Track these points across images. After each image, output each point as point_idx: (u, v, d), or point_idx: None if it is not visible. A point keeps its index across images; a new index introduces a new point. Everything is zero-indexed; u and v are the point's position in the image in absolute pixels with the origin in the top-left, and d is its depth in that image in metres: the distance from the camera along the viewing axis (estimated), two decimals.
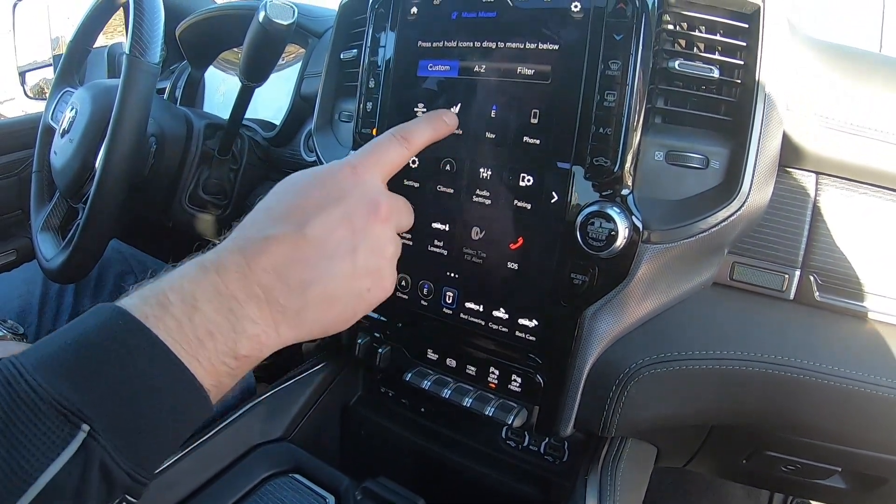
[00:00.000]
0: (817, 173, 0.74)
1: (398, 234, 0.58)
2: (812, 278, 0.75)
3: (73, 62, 1.33)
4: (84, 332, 0.42)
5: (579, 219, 0.67)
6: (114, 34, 2.06)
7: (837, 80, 0.73)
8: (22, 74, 2.29)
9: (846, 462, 0.83)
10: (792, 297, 0.75)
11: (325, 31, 1.19)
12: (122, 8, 1.23)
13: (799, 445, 0.82)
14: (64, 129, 1.16)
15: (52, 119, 1.30)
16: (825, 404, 0.74)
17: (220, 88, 1.59)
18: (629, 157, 0.67)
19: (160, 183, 1.20)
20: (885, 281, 0.74)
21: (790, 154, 0.73)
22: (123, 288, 1.30)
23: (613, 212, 0.66)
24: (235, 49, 1.57)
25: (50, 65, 2.11)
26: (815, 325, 0.75)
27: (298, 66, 1.20)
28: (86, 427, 0.38)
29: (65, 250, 1.05)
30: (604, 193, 0.68)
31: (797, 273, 0.75)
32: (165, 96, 1.61)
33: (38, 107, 1.98)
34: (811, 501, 1.55)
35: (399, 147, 0.60)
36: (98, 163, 0.96)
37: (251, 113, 1.28)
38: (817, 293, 0.75)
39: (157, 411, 0.41)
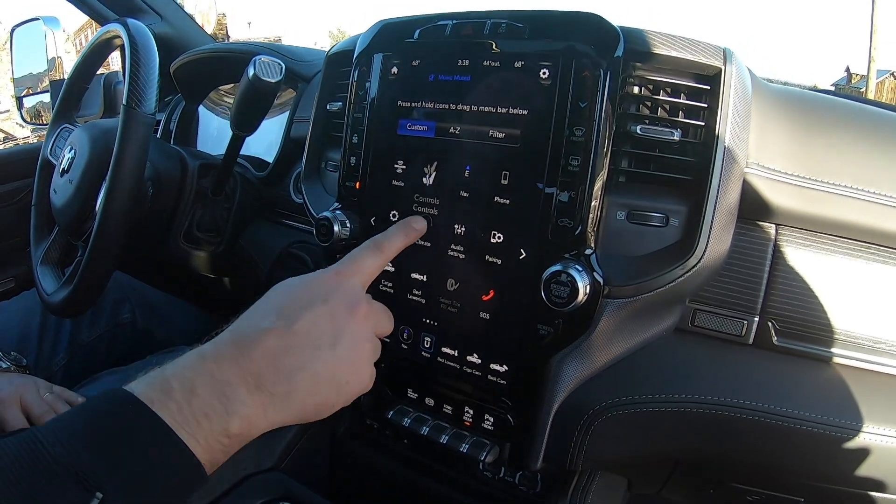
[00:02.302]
0: (777, 224, 0.79)
1: (378, 338, 0.64)
2: (770, 324, 0.79)
3: (72, 99, 1.36)
4: (97, 413, 0.48)
5: (543, 277, 0.71)
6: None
7: (796, 135, 0.77)
8: (19, 100, 2.31)
9: (808, 493, 0.86)
10: (751, 341, 0.80)
11: (314, 75, 1.23)
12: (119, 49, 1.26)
13: (762, 477, 0.86)
14: (63, 168, 1.19)
15: (50, 154, 1.32)
16: (784, 444, 0.77)
17: (215, 122, 1.63)
18: (591, 219, 0.72)
19: (156, 221, 1.24)
20: (841, 325, 0.78)
21: (750, 207, 0.76)
22: (120, 317, 1.35)
23: (574, 271, 0.70)
24: (222, 89, 1.62)
25: (47, 91, 2.14)
26: (774, 369, 0.79)
27: (288, 110, 1.24)
28: (99, 494, 0.43)
29: (66, 286, 1.08)
30: (568, 253, 0.72)
31: (756, 319, 0.79)
32: (161, 129, 1.65)
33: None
34: None
35: (375, 256, 0.67)
36: (98, 207, 1.00)
37: (243, 150, 1.31)
38: (775, 338, 0.79)
39: (159, 483, 0.47)
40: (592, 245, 0.73)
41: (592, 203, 0.72)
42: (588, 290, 0.70)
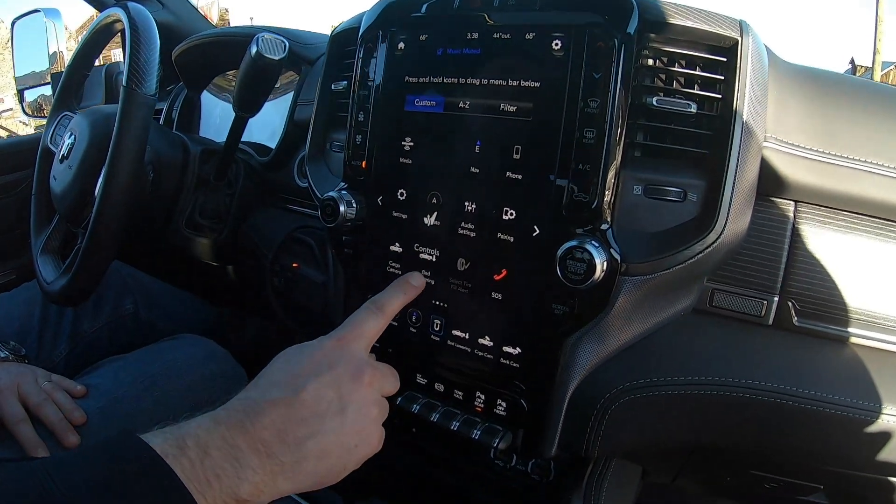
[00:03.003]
0: (795, 201, 0.76)
1: (385, 398, 0.66)
2: (790, 304, 0.76)
3: (72, 86, 1.34)
4: (113, 458, 0.49)
5: (559, 253, 0.69)
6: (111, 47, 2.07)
7: (814, 109, 0.75)
8: (21, 92, 2.30)
9: (829, 480, 0.85)
10: (771, 322, 0.77)
11: (318, 58, 1.21)
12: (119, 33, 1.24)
13: (781, 464, 0.84)
14: (63, 154, 1.17)
15: (50, 143, 1.31)
16: (805, 428, 0.75)
17: (217, 110, 1.61)
18: (608, 193, 0.69)
19: (157, 208, 1.22)
20: (862, 305, 0.75)
21: (768, 183, 0.74)
22: (122, 308, 1.33)
23: (591, 247, 0.67)
24: (229, 74, 1.60)
25: (48, 83, 2.12)
26: (794, 350, 0.76)
27: (291, 92, 1.22)
28: None
29: (65, 274, 1.06)
30: (582, 229, 0.70)
31: (776, 299, 0.76)
32: (162, 118, 1.63)
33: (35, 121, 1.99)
34: None
35: (375, 318, 0.68)
36: (98, 192, 0.98)
37: (246, 136, 1.29)
38: (795, 318, 0.76)
39: None
40: (609, 220, 0.71)
41: (608, 176, 0.69)
42: (605, 267, 0.68)
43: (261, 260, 1.17)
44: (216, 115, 1.60)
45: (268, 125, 1.34)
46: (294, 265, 1.09)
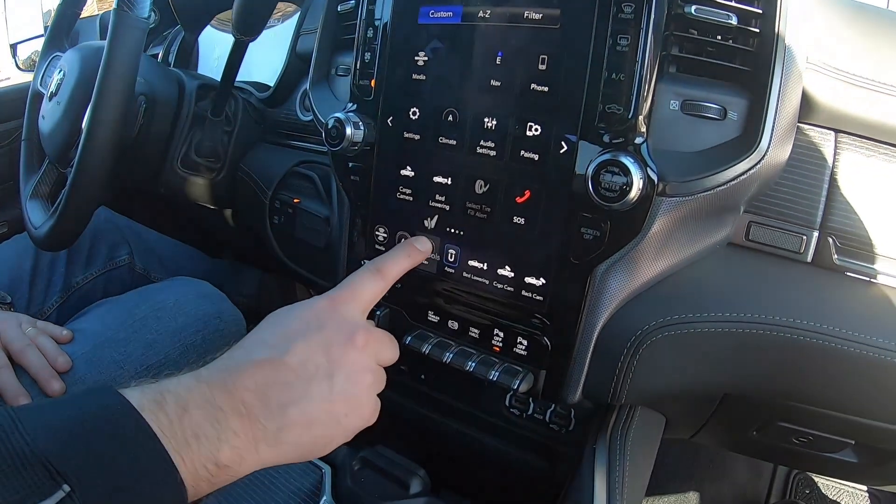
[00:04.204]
0: (836, 131, 0.72)
1: (382, 367, 0.62)
2: (830, 240, 0.71)
3: (63, 26, 1.29)
4: (84, 406, 0.46)
5: (591, 168, 0.63)
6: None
7: (856, 37, 0.70)
8: (13, 47, 2.24)
9: (860, 435, 0.80)
10: (810, 259, 0.72)
11: None
12: None
13: (813, 416, 0.79)
14: (52, 92, 1.13)
15: (40, 85, 1.26)
16: (845, 371, 0.71)
17: (215, 53, 1.55)
18: (643, 104, 0.64)
19: (151, 146, 1.16)
20: None
21: (808, 108, 0.70)
22: (117, 258, 1.28)
23: (628, 161, 0.61)
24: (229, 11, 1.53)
25: (42, 35, 2.06)
26: (834, 289, 0.71)
27: (293, 23, 1.16)
28: (66, 487, 0.40)
29: (53, 216, 1.02)
30: (615, 141, 0.64)
31: (815, 234, 0.71)
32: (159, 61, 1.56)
33: (29, 78, 1.93)
34: (814, 476, 1.55)
35: (374, 280, 0.64)
36: (84, 123, 0.93)
37: (245, 76, 1.24)
38: (835, 256, 0.71)
39: (136, 494, 0.44)
40: (644, 134, 0.64)
41: (643, 86, 0.63)
42: (642, 184, 0.62)
43: (260, 201, 1.11)
44: (214, 57, 1.54)
45: (268, 64, 1.29)
46: (295, 200, 1.03)
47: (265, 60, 1.29)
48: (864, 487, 1.54)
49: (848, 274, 0.72)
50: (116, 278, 1.30)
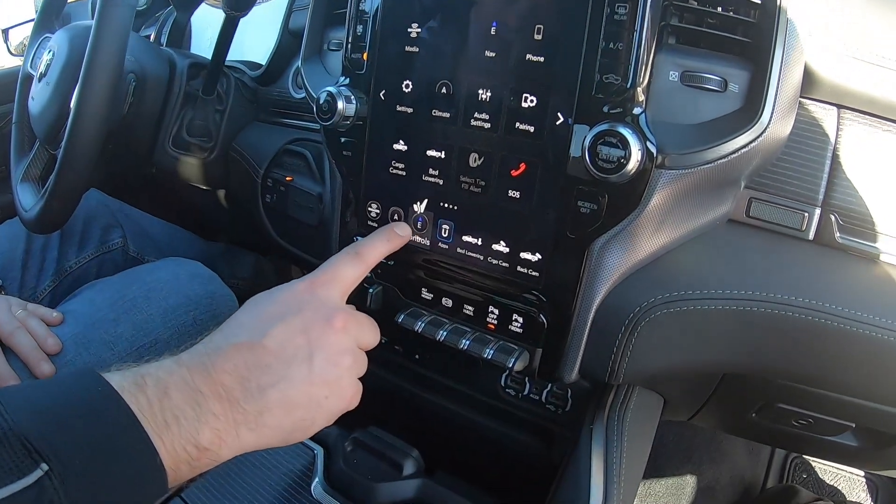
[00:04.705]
0: (839, 107, 0.70)
1: (364, 351, 0.62)
2: (833, 218, 0.70)
3: (53, 7, 1.27)
4: (65, 387, 0.46)
5: (588, 139, 0.62)
6: None
7: (860, 10, 0.69)
8: (5, 32, 2.22)
9: (861, 417, 0.79)
10: (811, 237, 0.71)
11: None
12: None
13: (813, 398, 0.78)
14: (41, 73, 1.12)
15: (31, 67, 1.25)
16: (846, 351, 0.69)
17: (208, 33, 1.53)
18: (642, 74, 0.62)
19: (141, 125, 1.15)
20: None
21: (810, 83, 0.68)
22: (110, 242, 1.27)
23: (626, 131, 0.60)
24: None
25: (33, 20, 2.05)
26: (837, 268, 0.70)
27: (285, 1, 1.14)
28: (45, 466, 0.40)
29: (42, 198, 1.00)
30: (613, 112, 0.62)
31: (817, 212, 0.70)
32: None
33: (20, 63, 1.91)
34: (812, 460, 1.55)
35: (354, 264, 0.65)
36: (73, 101, 0.91)
37: (238, 55, 1.22)
38: (838, 234, 0.70)
39: (115, 475, 0.44)
40: (643, 104, 0.63)
41: (641, 56, 0.61)
42: (641, 155, 0.60)
43: (252, 179, 1.10)
44: (207, 38, 1.52)
45: (260, 43, 1.27)
46: (288, 178, 1.02)
47: (258, 40, 1.27)
48: (862, 473, 1.55)
49: (850, 253, 0.70)
50: (110, 262, 1.28)
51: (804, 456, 1.58)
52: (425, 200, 0.75)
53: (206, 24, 1.55)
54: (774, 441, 1.12)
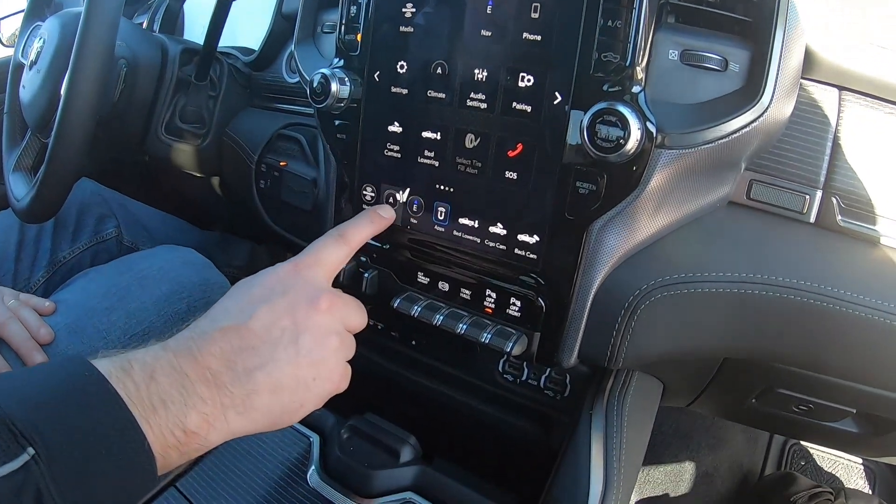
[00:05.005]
0: (840, 88, 0.69)
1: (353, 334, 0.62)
2: (834, 200, 0.69)
3: None
4: (52, 373, 0.46)
5: (586, 118, 0.61)
6: None
7: (860, 11, 0.69)
8: None
9: (861, 403, 0.79)
10: (813, 219, 0.70)
11: None
12: None
13: (814, 383, 0.77)
14: (32, 61, 1.10)
15: (21, 56, 1.23)
16: (847, 334, 0.69)
17: (201, 20, 1.50)
18: (641, 53, 0.61)
19: (134, 112, 1.14)
20: None
21: (810, 64, 0.68)
22: (104, 232, 1.26)
23: (625, 110, 0.59)
24: None
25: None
26: (838, 252, 0.69)
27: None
28: (31, 450, 0.40)
29: (34, 187, 0.99)
30: (611, 90, 0.61)
31: (818, 194, 0.69)
32: None
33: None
34: (810, 447, 1.55)
35: (338, 246, 0.65)
36: (63, 88, 0.90)
37: (231, 41, 1.21)
38: (839, 217, 0.69)
39: (103, 459, 0.44)
40: (642, 83, 0.62)
41: (640, 33, 0.60)
42: (640, 135, 0.59)
43: (246, 165, 1.09)
44: (200, 24, 1.50)
45: (253, 29, 1.25)
46: (282, 163, 1.00)
47: (251, 25, 1.25)
48: (860, 460, 1.55)
49: (852, 236, 0.70)
50: (104, 252, 1.27)
51: (802, 443, 1.58)
52: (421, 183, 0.74)
53: (199, 12, 1.53)
54: (774, 427, 1.11)
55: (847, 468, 1.55)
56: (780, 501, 1.31)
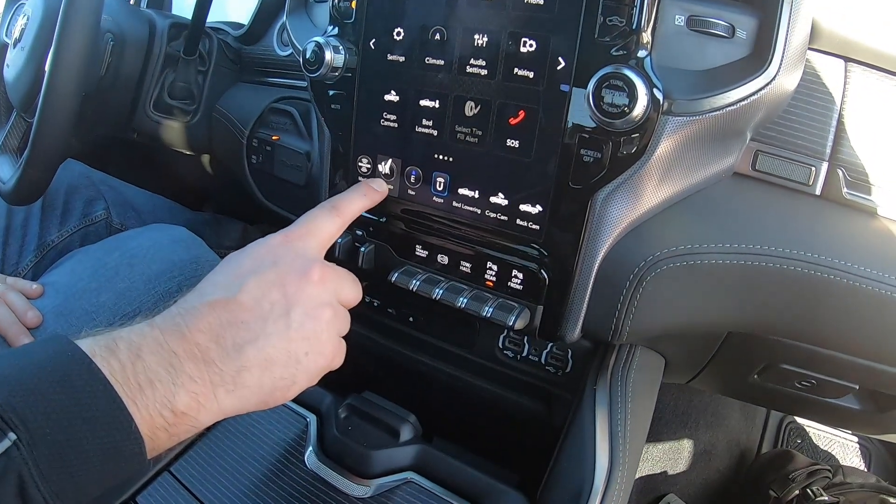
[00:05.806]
0: (846, 59, 0.68)
1: (345, 308, 0.60)
2: (840, 172, 0.68)
3: None
4: (35, 354, 0.45)
5: (592, 83, 0.59)
6: None
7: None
8: None
9: (865, 379, 0.78)
10: (818, 192, 0.69)
11: None
12: None
13: (817, 358, 0.76)
14: (16, 38, 1.08)
15: (5, 35, 1.20)
16: (853, 308, 0.68)
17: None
18: (647, 16, 0.59)
19: (121, 88, 1.12)
20: None
21: (816, 34, 0.67)
22: (93, 214, 1.23)
23: (632, 74, 0.57)
24: None
25: None
26: (844, 224, 0.68)
27: None
28: (13, 436, 0.39)
29: (19, 168, 0.97)
30: (617, 54, 0.60)
31: (824, 166, 0.68)
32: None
33: None
34: (806, 425, 1.56)
35: (330, 218, 0.63)
36: (48, 63, 0.88)
37: (220, 16, 1.19)
38: (845, 189, 0.68)
39: (88, 442, 0.42)
40: (648, 47, 0.60)
41: None
42: (647, 101, 0.58)
43: (237, 141, 1.07)
44: (188, 2, 1.48)
45: (244, 5, 1.23)
46: (274, 138, 0.99)
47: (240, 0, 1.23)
48: (855, 438, 1.55)
49: (857, 209, 0.69)
50: (93, 234, 1.25)
51: (799, 421, 1.59)
52: (419, 153, 0.73)
53: None
54: (775, 404, 1.11)
55: (843, 446, 1.55)
56: (779, 479, 1.31)
